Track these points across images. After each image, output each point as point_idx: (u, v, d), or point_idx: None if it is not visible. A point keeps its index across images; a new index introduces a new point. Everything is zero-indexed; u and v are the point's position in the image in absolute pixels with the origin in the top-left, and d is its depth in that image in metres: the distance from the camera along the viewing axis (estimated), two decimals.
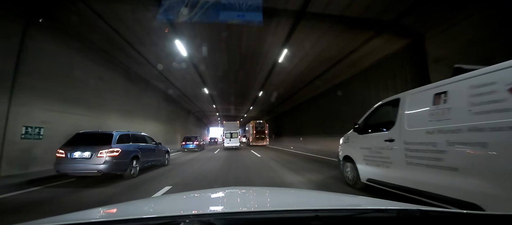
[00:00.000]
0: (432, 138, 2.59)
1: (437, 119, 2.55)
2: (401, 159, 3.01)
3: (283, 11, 6.69)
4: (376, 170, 3.55)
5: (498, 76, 2.04)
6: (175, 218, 0.91)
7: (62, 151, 5.07)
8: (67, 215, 1.03)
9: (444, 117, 2.47)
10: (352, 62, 10.01)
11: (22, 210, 3.34)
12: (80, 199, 3.91)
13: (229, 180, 5.36)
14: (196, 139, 17.37)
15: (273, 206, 1.32)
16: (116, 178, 5.44)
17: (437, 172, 2.50)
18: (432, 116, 2.62)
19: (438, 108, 2.56)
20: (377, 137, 3.54)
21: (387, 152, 3.28)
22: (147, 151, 6.73)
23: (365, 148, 3.85)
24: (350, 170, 4.32)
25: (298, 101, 20.41)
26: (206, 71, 12.76)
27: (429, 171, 2.61)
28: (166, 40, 8.41)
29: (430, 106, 2.66)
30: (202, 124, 44.04)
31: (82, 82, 8.07)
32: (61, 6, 6.33)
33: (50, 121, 6.78)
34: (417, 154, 2.79)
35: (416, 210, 0.93)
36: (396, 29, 7.36)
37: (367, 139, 3.83)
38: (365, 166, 3.84)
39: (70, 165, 4.96)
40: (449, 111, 2.42)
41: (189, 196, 1.69)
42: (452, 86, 2.45)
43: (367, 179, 3.80)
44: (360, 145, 4.00)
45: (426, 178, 2.64)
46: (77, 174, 5.14)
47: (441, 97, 2.55)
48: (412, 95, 3.05)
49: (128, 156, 5.63)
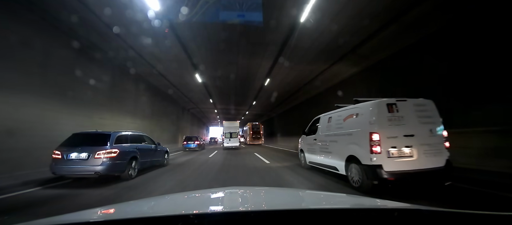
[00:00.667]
0: (326, 139, 5.41)
1: (327, 129, 5.38)
2: (318, 149, 5.82)
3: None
4: (312, 156, 6.35)
5: (342, 112, 4.86)
6: (175, 218, 0.93)
7: (59, 152, 4.94)
8: (67, 215, 1.03)
9: (329, 129, 5.29)
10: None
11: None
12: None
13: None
14: (197, 139, 18.07)
15: (272, 206, 1.33)
16: (114, 180, 5.32)
17: (327, 155, 5.31)
18: (326, 128, 5.45)
19: (328, 125, 5.38)
20: (311, 138, 6.35)
21: (314, 146, 6.09)
22: (146, 152, 6.61)
23: (307, 144, 6.67)
24: (303, 157, 7.11)
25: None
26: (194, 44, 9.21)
27: (325, 155, 5.42)
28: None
29: (326, 124, 5.48)
30: (201, 123, 42.69)
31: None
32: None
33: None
34: (322, 147, 5.60)
35: (416, 210, 0.95)
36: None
37: (307, 139, 6.64)
38: (308, 154, 6.64)
39: (67, 166, 4.85)
40: (330, 126, 5.25)
41: (189, 196, 1.74)
42: (333, 114, 5.27)
43: (309, 162, 6.59)
44: (305, 142, 6.82)
45: (325, 159, 5.44)
46: (74, 175, 5.07)
47: (329, 119, 5.37)
48: (322, 117, 5.87)
49: (126, 157, 5.51)
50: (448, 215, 0.91)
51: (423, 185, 4.14)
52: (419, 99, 4.13)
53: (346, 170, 4.47)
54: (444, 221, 0.91)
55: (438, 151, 3.86)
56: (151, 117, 14.73)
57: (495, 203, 3.37)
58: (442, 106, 4.29)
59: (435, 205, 1.06)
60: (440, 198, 3.68)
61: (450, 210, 0.90)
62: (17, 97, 5.76)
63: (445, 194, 3.80)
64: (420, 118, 3.94)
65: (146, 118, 13.74)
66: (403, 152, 3.75)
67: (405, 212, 0.96)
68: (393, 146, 3.74)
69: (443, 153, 3.89)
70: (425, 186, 4.14)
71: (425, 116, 3.97)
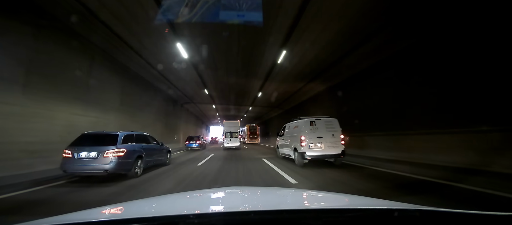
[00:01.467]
0: (287, 139, 9.13)
1: (287, 133, 9.16)
2: (284, 145, 9.52)
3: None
4: (282, 149, 10.05)
5: (293, 123, 8.61)
6: (176, 218, 0.94)
7: (69, 151, 5.14)
8: (67, 215, 1.04)
9: (288, 133, 9.04)
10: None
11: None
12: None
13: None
14: (198, 138, 18.88)
15: (273, 206, 1.33)
16: (121, 178, 5.53)
17: (287, 148, 9.03)
18: (286, 132, 9.21)
19: (288, 130, 9.12)
20: (280, 138, 10.07)
21: (282, 143, 9.80)
22: (150, 151, 6.91)
23: (280, 142, 10.38)
24: (278, 151, 10.81)
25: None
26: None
27: (286, 148, 9.15)
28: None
29: (287, 130, 9.23)
30: (199, 122, 40.92)
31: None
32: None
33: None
34: (285, 143, 9.32)
35: (415, 210, 0.96)
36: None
37: (279, 139, 10.35)
38: (280, 149, 10.35)
39: (77, 165, 5.07)
40: (288, 131, 8.99)
41: (190, 196, 1.80)
42: (290, 124, 9.01)
43: (280, 153, 10.27)
44: (279, 141, 10.54)
45: (286, 150, 9.15)
46: (84, 173, 5.29)
47: (288, 127, 9.11)
48: (286, 124, 9.59)
49: (132, 156, 5.73)
50: (448, 215, 0.91)
51: (326, 163, 7.84)
52: (329, 118, 7.81)
53: (293, 155, 8.16)
54: (444, 221, 0.93)
55: (336, 145, 7.52)
56: (119, 109, 10.88)
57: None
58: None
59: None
60: (334, 166, 7.34)
61: (450, 210, 0.91)
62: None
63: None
64: (327, 128, 7.61)
65: (112, 110, 10.27)
66: (317, 146, 7.43)
67: (405, 212, 0.97)
68: (311, 143, 7.42)
69: (339, 146, 7.54)
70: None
71: (330, 127, 7.65)
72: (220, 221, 0.94)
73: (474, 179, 4.62)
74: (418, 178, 5.25)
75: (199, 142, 18.29)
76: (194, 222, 0.89)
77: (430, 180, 4.94)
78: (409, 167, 6.44)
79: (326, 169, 6.94)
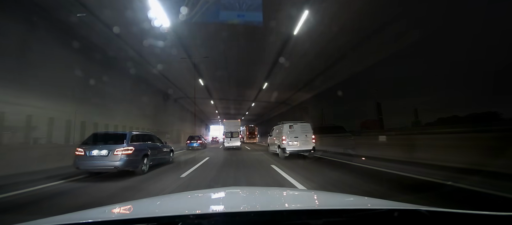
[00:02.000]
0: (274, 138, 11.82)
1: (274, 134, 11.84)
2: (273, 144, 12.19)
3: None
4: (270, 147, 12.71)
5: (278, 126, 11.32)
6: (177, 218, 0.94)
7: (81, 149, 5.42)
8: (69, 214, 1.06)
9: (275, 134, 11.75)
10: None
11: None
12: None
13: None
14: (199, 138, 19.53)
15: (274, 207, 1.34)
16: (129, 174, 5.76)
17: (274, 146, 11.71)
18: (274, 133, 11.90)
19: (274, 131, 11.81)
20: (270, 138, 12.75)
21: (272, 141, 12.47)
22: (155, 149, 7.18)
23: (269, 141, 13.05)
24: (269, 149, 13.46)
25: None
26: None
27: (273, 146, 11.83)
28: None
29: (274, 131, 11.93)
30: (198, 120, 39.94)
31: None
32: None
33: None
34: (273, 142, 12.00)
35: (415, 210, 0.96)
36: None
37: (269, 138, 13.03)
38: (270, 147, 13.01)
39: (89, 162, 5.36)
40: (275, 132, 11.69)
41: (191, 196, 1.83)
42: (277, 126, 11.70)
43: (270, 150, 12.93)
44: (269, 140, 13.22)
45: (273, 148, 11.83)
46: (95, 170, 5.54)
47: (276, 129, 11.80)
48: (275, 127, 12.26)
49: (139, 154, 5.99)
50: (448, 215, 0.92)
51: (301, 156, 10.46)
52: (304, 123, 10.47)
53: (278, 151, 10.82)
54: (444, 221, 0.93)
55: (309, 143, 10.15)
56: (82, 99, 9.41)
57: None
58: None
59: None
60: (307, 158, 9.94)
61: (450, 210, 0.91)
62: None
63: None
64: (302, 130, 10.25)
65: (66, 98, 8.61)
66: (294, 143, 10.07)
67: (405, 212, 0.97)
68: (290, 141, 10.06)
69: (311, 144, 10.17)
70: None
71: (305, 129, 10.29)
72: (221, 222, 0.96)
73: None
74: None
75: (200, 141, 18.90)
76: (195, 222, 0.91)
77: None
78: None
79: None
